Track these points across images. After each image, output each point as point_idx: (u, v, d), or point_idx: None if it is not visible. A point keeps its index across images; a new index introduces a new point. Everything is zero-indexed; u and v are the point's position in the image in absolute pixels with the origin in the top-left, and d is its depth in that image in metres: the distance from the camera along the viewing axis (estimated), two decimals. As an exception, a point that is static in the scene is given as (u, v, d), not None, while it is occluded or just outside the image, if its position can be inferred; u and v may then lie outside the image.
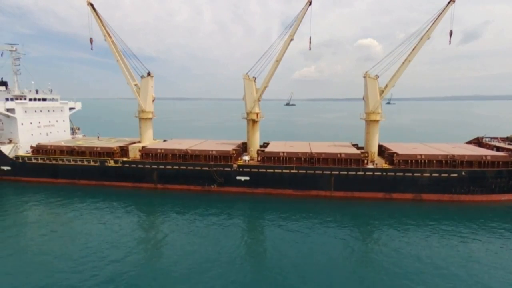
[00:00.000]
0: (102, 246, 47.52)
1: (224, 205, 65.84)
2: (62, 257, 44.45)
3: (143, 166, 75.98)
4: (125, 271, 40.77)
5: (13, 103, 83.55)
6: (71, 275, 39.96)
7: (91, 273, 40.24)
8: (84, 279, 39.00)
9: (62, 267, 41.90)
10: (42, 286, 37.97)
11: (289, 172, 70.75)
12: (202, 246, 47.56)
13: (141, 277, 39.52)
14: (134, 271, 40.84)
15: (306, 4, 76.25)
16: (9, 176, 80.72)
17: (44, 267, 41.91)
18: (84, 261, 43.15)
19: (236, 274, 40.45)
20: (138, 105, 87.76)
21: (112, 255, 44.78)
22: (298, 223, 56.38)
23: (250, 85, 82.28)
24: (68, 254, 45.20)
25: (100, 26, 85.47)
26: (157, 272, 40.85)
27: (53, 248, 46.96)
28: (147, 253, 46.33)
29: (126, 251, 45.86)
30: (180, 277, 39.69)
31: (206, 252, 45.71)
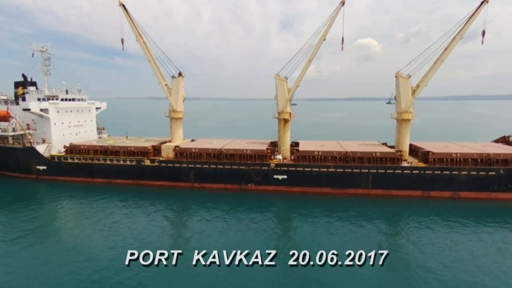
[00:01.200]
0: (142, 242, 48.55)
1: (263, 203, 66.87)
2: (103, 254, 45.29)
3: (180, 165, 76.83)
4: (167, 269, 41.12)
5: (47, 103, 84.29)
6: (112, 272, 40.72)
7: (130, 271, 40.65)
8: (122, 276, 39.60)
9: (103, 264, 42.71)
10: (82, 280, 38.93)
11: (326, 171, 71.77)
12: (243, 244, 47.97)
13: (178, 275, 39.89)
14: (174, 269, 41.18)
15: (339, 5, 77.37)
16: (44, 176, 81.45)
17: (83, 264, 42.56)
18: (120, 258, 43.79)
19: (277, 273, 40.72)
20: (169, 105, 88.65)
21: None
22: (340, 220, 57.54)
23: (282, 85, 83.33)
24: (110, 251, 45.99)
25: (132, 27, 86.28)
26: (193, 270, 41.02)
27: (97, 243, 48.44)
28: (187, 250, 46.32)
29: (166, 248, 46.59)
30: (218, 276, 39.92)
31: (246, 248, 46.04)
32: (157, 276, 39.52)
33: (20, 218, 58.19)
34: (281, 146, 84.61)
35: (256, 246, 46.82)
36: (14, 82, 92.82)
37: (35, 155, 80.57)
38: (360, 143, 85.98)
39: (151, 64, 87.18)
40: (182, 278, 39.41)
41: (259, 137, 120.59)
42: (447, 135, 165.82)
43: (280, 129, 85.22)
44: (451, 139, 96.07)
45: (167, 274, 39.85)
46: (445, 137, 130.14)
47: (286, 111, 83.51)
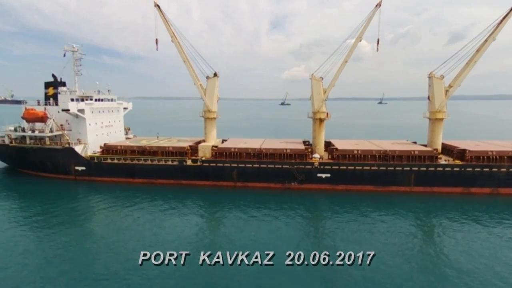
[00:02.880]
0: (187, 241, 49.54)
1: (307, 201, 68.25)
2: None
3: (223, 164, 77.61)
4: (212, 267, 41.94)
5: (83, 104, 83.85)
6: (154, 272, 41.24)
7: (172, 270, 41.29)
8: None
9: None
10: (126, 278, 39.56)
11: (369, 169, 73.75)
12: (289, 242, 49.16)
13: (222, 274, 40.54)
14: (218, 268, 41.92)
15: (376, 7, 79.44)
16: (83, 176, 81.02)
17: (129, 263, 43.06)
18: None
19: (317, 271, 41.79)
20: (204, 105, 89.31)
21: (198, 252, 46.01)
22: (388, 217, 59.61)
23: (318, 85, 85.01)
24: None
25: (167, 27, 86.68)
26: (236, 269, 41.68)
27: (142, 242, 49.05)
28: (235, 249, 46.74)
29: (213, 247, 47.42)
30: (264, 276, 40.34)
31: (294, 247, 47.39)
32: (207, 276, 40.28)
33: (70, 218, 58.83)
34: (316, 145, 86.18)
35: (302, 246, 48.11)
36: (45, 83, 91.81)
37: (74, 156, 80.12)
38: (393, 142, 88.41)
39: (186, 65, 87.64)
40: (232, 277, 39.93)
41: (270, 136, 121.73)
42: (450, 135, 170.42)
43: (315, 128, 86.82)
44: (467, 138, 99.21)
45: (216, 274, 40.42)
46: (450, 136, 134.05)
47: (322, 111, 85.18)
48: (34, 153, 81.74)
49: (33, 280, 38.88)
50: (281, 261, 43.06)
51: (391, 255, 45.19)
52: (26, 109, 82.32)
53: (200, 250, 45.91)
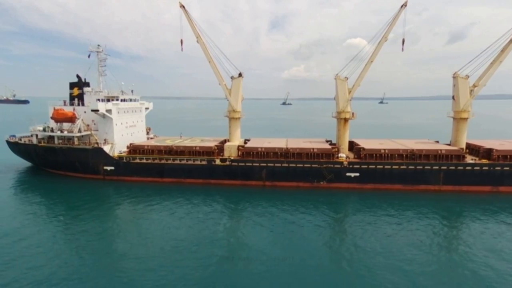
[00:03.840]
0: (214, 239, 50.29)
1: (336, 200, 69.51)
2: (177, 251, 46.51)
3: (252, 164, 78.28)
4: (245, 267, 42.57)
5: (110, 104, 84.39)
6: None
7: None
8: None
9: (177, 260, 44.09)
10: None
11: (398, 168, 74.60)
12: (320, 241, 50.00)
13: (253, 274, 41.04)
14: (247, 267, 42.54)
15: (401, 7, 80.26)
16: (111, 176, 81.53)
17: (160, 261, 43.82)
18: (197, 255, 45.40)
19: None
20: (228, 105, 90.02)
21: (227, 251, 47.21)
22: (425, 216, 60.53)
23: (343, 86, 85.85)
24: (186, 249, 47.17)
25: (192, 28, 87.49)
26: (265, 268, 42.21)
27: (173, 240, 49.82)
28: (262, 248, 47.61)
29: (243, 247, 48.28)
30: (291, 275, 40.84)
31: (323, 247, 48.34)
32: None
33: (102, 218, 59.85)
34: (340, 145, 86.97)
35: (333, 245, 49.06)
36: (70, 83, 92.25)
37: (103, 156, 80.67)
38: (416, 141, 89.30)
39: (211, 65, 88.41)
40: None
41: (282, 136, 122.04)
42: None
43: (340, 128, 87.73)
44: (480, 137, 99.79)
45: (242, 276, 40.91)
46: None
47: (346, 111, 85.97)
48: (63, 153, 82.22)
49: (67, 278, 39.45)
50: (314, 261, 43.93)
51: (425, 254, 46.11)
52: (55, 109, 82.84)
53: (231, 249, 47.12)
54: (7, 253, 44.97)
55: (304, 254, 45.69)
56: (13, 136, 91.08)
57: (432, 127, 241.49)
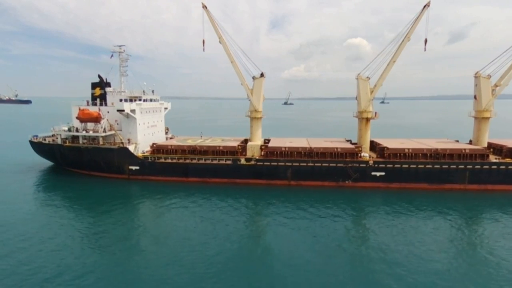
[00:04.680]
0: (242, 238, 51.16)
1: (361, 199, 69.92)
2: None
3: (277, 163, 78.74)
4: (268, 266, 42.99)
5: (134, 104, 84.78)
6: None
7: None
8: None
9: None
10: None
11: (424, 167, 75.14)
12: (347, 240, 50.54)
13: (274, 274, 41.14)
14: (270, 266, 42.86)
15: (424, 7, 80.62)
16: (136, 175, 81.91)
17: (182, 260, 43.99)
18: (225, 254, 45.77)
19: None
20: (250, 105, 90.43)
21: (254, 251, 47.58)
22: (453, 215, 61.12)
23: (365, 85, 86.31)
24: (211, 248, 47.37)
25: (215, 28, 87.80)
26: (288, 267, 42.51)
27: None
28: (289, 248, 47.77)
29: (272, 247, 48.45)
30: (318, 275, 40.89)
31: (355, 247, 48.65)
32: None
33: (131, 216, 61.03)
34: (362, 144, 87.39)
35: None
36: (91, 83, 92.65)
37: (128, 155, 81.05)
38: (437, 141, 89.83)
39: (233, 65, 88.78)
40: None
41: (293, 135, 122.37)
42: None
43: (361, 128, 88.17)
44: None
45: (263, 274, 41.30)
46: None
47: (368, 110, 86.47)
48: (88, 153, 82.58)
49: (95, 279, 39.56)
50: (341, 259, 44.43)
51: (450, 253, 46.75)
52: (81, 110, 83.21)
53: (258, 249, 47.55)
54: (36, 251, 45.48)
55: (333, 253, 46.17)
56: (35, 136, 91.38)
57: (438, 126, 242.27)
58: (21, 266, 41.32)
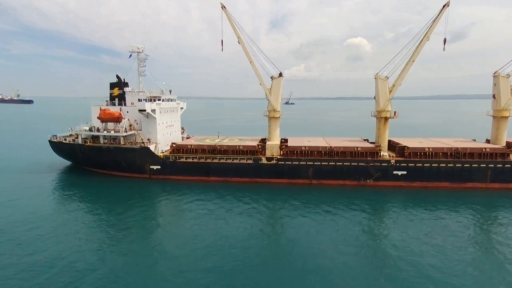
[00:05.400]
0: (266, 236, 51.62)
1: (383, 198, 70.45)
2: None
3: (299, 163, 79.10)
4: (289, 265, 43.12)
5: (154, 104, 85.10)
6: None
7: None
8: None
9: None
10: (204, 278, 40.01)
11: (445, 166, 75.59)
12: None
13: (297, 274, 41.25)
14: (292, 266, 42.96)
15: (444, 7, 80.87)
16: (157, 175, 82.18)
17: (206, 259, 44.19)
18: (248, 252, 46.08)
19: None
20: (269, 104, 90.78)
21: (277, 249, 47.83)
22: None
23: (384, 85, 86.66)
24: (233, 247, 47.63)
25: (234, 29, 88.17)
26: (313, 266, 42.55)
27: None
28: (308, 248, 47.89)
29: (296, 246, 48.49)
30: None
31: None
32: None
33: (156, 216, 61.67)
34: (380, 143, 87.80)
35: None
36: (110, 83, 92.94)
37: (150, 155, 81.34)
38: (455, 140, 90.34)
39: (252, 65, 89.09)
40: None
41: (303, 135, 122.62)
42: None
43: (379, 127, 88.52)
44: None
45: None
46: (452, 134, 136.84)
47: (387, 110, 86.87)
48: (110, 153, 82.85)
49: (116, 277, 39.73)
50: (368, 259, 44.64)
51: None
52: (102, 110, 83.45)
53: (284, 249, 47.64)
54: (61, 249, 45.71)
55: (359, 252, 46.58)
56: (55, 136, 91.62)
57: (443, 126, 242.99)
58: (45, 264, 41.85)
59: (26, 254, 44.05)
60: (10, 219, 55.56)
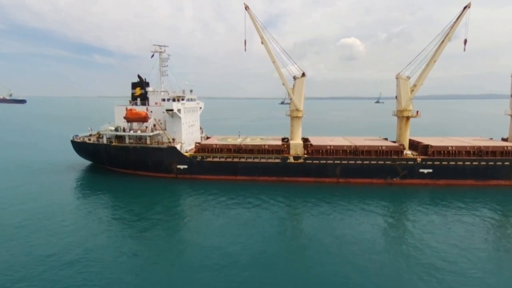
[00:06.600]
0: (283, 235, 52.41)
1: (411, 195, 72.07)
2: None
3: (326, 161, 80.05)
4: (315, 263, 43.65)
5: (179, 104, 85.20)
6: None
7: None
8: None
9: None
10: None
11: (470, 164, 77.33)
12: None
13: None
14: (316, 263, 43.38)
15: (464, 8, 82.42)
16: (184, 174, 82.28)
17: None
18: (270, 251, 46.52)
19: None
20: (291, 104, 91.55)
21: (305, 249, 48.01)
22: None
23: (405, 84, 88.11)
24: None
25: (257, 30, 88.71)
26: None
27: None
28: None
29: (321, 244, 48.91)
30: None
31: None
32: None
33: (183, 214, 62.59)
34: (402, 142, 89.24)
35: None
36: (132, 83, 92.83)
37: (177, 155, 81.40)
38: (474, 138, 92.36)
39: (275, 66, 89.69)
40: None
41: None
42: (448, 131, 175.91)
43: (401, 126, 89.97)
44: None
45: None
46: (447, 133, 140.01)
47: (408, 109, 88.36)
48: (136, 152, 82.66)
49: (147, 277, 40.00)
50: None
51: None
52: (128, 109, 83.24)
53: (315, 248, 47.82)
54: (88, 249, 45.86)
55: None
56: (77, 136, 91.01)
57: (445, 125, 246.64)
58: (69, 265, 41.85)
59: (56, 253, 44.37)
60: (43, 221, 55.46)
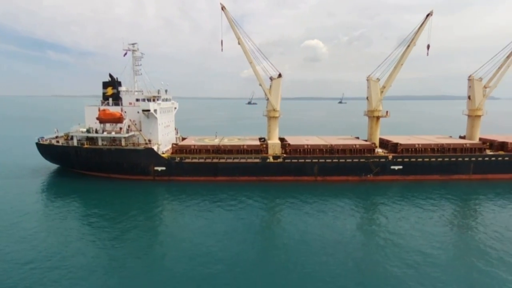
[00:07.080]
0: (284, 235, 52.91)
1: (383, 191, 75.99)
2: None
3: (304, 160, 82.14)
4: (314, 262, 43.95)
5: (156, 104, 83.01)
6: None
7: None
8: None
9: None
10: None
11: (435, 160, 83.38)
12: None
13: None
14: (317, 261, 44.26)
15: (427, 16, 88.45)
16: (162, 176, 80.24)
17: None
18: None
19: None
20: (268, 104, 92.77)
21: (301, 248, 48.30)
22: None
23: (375, 86, 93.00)
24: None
25: (234, 30, 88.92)
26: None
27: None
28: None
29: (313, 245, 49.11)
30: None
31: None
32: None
33: (161, 217, 61.21)
34: (373, 141, 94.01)
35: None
36: (103, 82, 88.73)
37: (154, 156, 79.16)
38: (437, 136, 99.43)
39: (251, 66, 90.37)
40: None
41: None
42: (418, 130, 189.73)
43: (372, 126, 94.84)
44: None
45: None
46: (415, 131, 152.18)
47: (378, 109, 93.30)
48: (110, 155, 79.08)
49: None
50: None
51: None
52: (101, 110, 79.38)
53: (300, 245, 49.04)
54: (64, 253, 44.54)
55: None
56: (42, 138, 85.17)
57: (413, 125, 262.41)
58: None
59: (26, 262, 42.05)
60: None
